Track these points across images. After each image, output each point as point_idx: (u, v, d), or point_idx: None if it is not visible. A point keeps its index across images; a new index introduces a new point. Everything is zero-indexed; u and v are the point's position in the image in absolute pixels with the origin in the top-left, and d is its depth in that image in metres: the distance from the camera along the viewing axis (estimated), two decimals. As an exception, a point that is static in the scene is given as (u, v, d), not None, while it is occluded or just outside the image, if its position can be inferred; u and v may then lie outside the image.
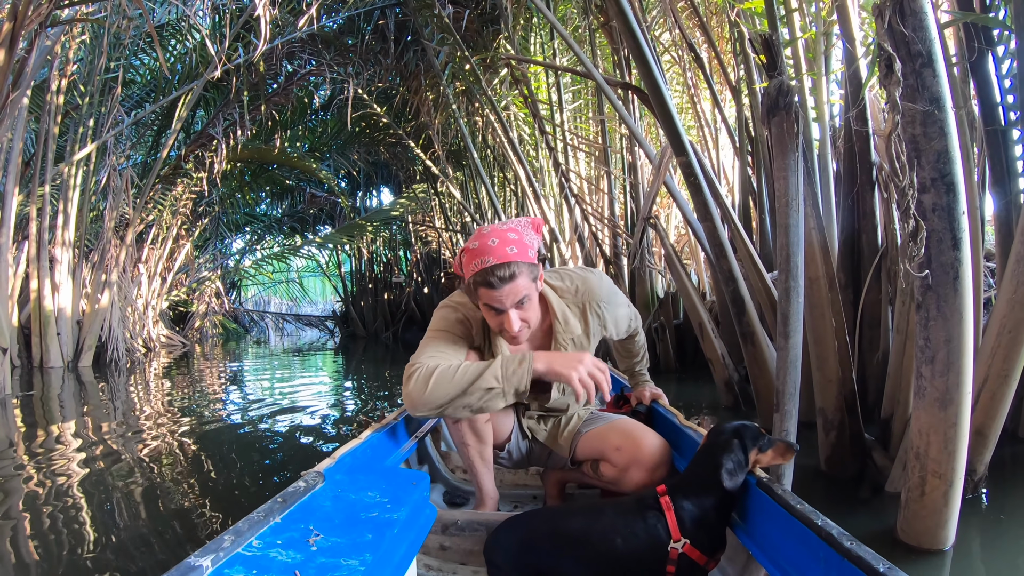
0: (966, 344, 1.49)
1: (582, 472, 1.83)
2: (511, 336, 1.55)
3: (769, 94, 1.87)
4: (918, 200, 1.37)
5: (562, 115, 7.43)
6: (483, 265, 1.47)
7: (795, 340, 1.85)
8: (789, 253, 1.83)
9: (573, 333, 1.70)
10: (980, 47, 2.62)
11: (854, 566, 0.93)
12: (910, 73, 1.30)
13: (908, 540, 1.82)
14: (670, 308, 5.66)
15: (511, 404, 1.82)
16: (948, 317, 1.48)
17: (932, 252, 1.43)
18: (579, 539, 1.34)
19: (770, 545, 1.21)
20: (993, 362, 2.02)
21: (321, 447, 3.39)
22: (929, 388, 1.55)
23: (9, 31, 3.94)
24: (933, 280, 1.47)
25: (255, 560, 0.96)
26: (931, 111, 1.30)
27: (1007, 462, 2.61)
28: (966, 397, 1.54)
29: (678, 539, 1.28)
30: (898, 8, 1.27)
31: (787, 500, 1.15)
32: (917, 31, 1.27)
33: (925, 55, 1.30)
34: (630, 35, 2.75)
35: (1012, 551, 1.92)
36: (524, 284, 1.48)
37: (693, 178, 2.87)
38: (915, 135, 1.35)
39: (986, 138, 2.67)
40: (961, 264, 1.44)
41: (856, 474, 2.49)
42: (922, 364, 1.56)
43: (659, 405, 1.99)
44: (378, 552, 1.03)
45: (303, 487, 1.21)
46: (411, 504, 1.25)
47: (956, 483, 1.66)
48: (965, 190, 2.54)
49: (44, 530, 2.16)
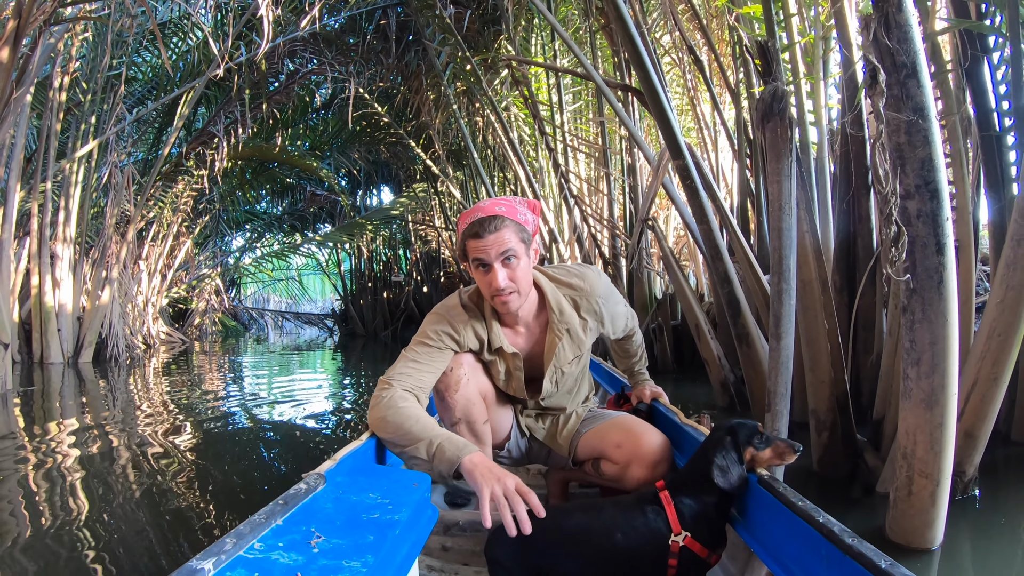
0: (951, 346, 1.53)
1: (584, 471, 1.82)
2: (501, 301, 1.56)
3: (763, 100, 1.90)
4: (903, 206, 1.40)
5: (562, 116, 7.47)
6: (471, 219, 1.54)
7: (787, 341, 1.89)
8: (782, 256, 1.87)
9: (569, 323, 1.70)
10: (975, 53, 2.65)
11: (855, 562, 0.94)
12: (895, 84, 1.34)
13: (896, 539, 1.85)
14: (668, 309, 5.69)
15: (509, 402, 1.87)
16: (933, 320, 1.52)
17: (917, 257, 1.47)
18: (580, 535, 1.35)
19: (772, 542, 1.22)
20: (983, 365, 2.05)
21: (320, 444, 3.42)
22: (915, 389, 1.59)
23: (13, 29, 3.97)
24: (918, 284, 1.51)
25: (257, 563, 0.96)
26: (915, 120, 1.33)
27: (999, 464, 2.63)
28: (952, 398, 1.58)
29: (678, 532, 1.29)
30: (883, 21, 1.31)
31: (788, 497, 1.16)
32: (902, 43, 1.30)
33: (910, 66, 1.33)
34: (629, 41, 2.78)
35: (1001, 552, 1.94)
36: (510, 238, 1.52)
37: (690, 181, 2.91)
38: (900, 143, 1.38)
39: (981, 143, 2.70)
40: (945, 269, 1.47)
41: (848, 474, 2.52)
42: (908, 366, 1.60)
43: (659, 403, 1.99)
44: (380, 553, 1.03)
45: (304, 489, 1.21)
46: (412, 505, 1.24)
47: (943, 483, 1.69)
48: (959, 195, 2.58)
49: (43, 529, 2.17)
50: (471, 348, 1.70)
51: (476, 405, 1.69)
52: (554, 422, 1.88)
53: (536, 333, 1.75)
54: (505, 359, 1.73)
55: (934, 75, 2.77)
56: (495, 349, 1.71)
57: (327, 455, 1.41)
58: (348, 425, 3.88)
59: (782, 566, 1.15)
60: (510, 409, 1.88)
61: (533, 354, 1.76)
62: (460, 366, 1.67)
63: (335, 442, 3.41)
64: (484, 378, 1.75)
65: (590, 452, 1.77)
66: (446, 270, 13.10)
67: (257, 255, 15.09)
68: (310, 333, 15.54)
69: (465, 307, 1.70)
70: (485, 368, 1.76)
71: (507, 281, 1.53)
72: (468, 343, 1.69)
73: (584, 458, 1.80)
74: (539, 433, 1.88)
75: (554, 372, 1.75)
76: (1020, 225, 1.94)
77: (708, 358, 4.00)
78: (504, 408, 1.86)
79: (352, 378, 6.85)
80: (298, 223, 14.74)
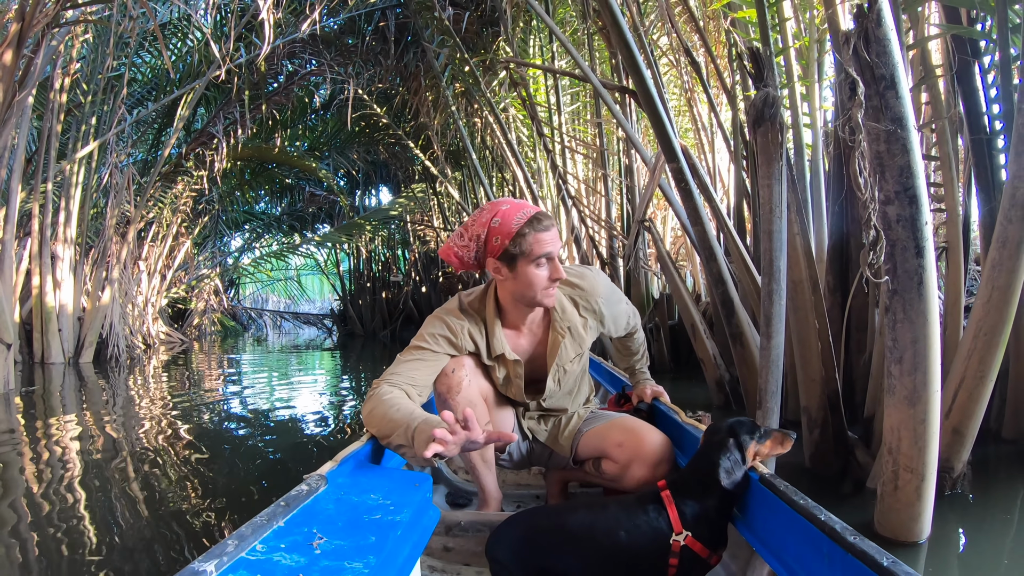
0: (932, 345, 1.58)
1: (584, 471, 1.82)
2: (551, 293, 1.60)
3: (755, 106, 1.95)
4: (883, 211, 1.46)
5: (560, 117, 7.51)
6: (527, 215, 1.54)
7: (777, 340, 1.94)
8: (772, 257, 1.92)
9: (570, 322, 1.72)
10: (966, 58, 2.70)
11: (858, 560, 0.93)
12: (874, 95, 1.39)
13: (884, 533, 1.89)
14: (665, 309, 5.73)
15: (510, 404, 1.86)
16: (913, 320, 1.57)
17: (897, 259, 1.52)
18: (582, 535, 1.34)
19: (773, 540, 1.22)
20: (970, 363, 2.10)
21: (320, 444, 3.45)
22: (898, 386, 1.64)
23: (16, 32, 4.01)
24: (899, 285, 1.56)
25: (259, 564, 0.96)
26: (894, 130, 1.39)
27: (991, 461, 2.69)
28: (934, 395, 1.63)
29: (679, 531, 1.29)
30: (863, 35, 1.36)
31: (790, 495, 1.15)
32: (881, 56, 1.36)
33: (888, 78, 1.39)
34: (624, 45, 2.82)
35: (988, 545, 1.99)
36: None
37: (684, 184, 2.96)
38: (880, 151, 1.44)
39: (972, 146, 2.75)
40: (925, 271, 1.53)
41: (839, 471, 2.56)
42: (891, 363, 1.65)
43: (660, 403, 1.99)
44: (382, 554, 1.03)
45: (306, 490, 1.21)
46: (414, 506, 1.24)
47: (928, 478, 1.74)
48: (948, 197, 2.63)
49: (44, 529, 2.19)
50: (469, 352, 1.70)
51: (477, 407, 1.68)
52: (556, 423, 1.88)
53: (539, 334, 1.76)
54: (506, 365, 1.74)
55: (924, 79, 2.83)
56: (496, 356, 1.71)
57: (328, 455, 1.42)
58: (348, 425, 3.92)
59: (784, 564, 1.15)
60: (511, 412, 1.88)
61: (536, 355, 1.77)
62: (461, 368, 1.68)
63: (336, 442, 3.43)
64: (485, 380, 1.76)
65: (591, 451, 1.77)
66: (444, 270, 13.12)
67: (256, 255, 15.13)
68: (309, 333, 15.55)
69: (464, 312, 1.70)
70: (485, 371, 1.76)
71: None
72: (466, 347, 1.69)
73: (585, 457, 1.80)
74: (541, 435, 1.88)
75: (557, 370, 1.75)
76: (1005, 227, 1.99)
77: (704, 357, 4.05)
78: (505, 410, 1.86)
79: (351, 378, 6.89)
80: (297, 223, 14.78)
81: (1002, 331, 2.04)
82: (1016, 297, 2.01)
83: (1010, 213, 1.96)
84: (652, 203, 7.94)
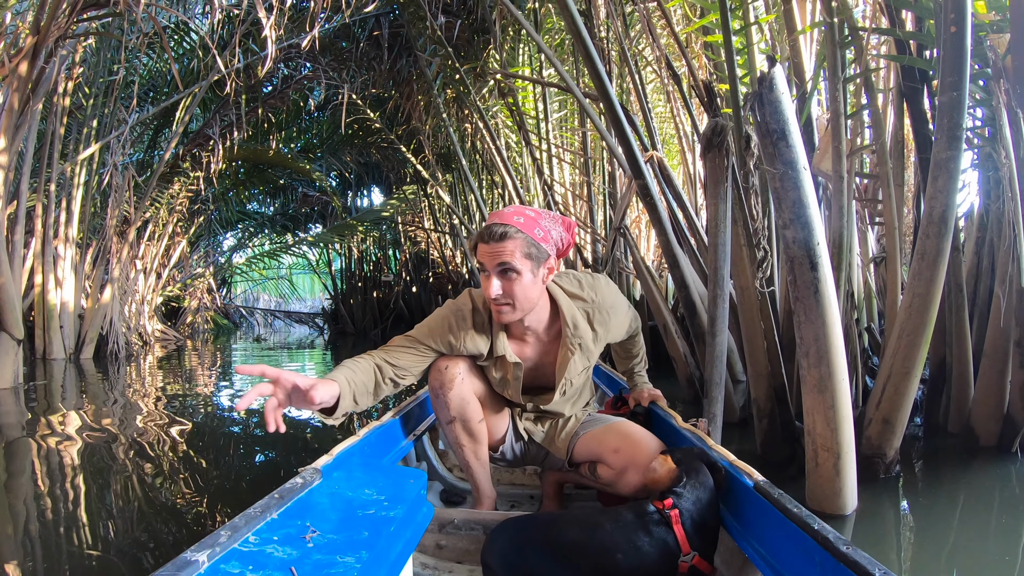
0: (832, 342, 1.88)
1: (579, 473, 1.81)
2: (495, 309, 1.57)
3: (704, 135, 2.24)
4: (783, 234, 1.76)
5: (547, 125, 7.74)
6: (488, 221, 1.54)
7: (720, 339, 2.23)
8: (717, 266, 2.21)
9: (582, 338, 1.70)
10: (914, 84, 2.95)
11: (850, 570, 0.93)
12: (769, 144, 1.69)
13: (814, 506, 2.17)
14: (645, 311, 6.01)
15: (505, 404, 1.87)
16: (813, 320, 1.88)
17: (796, 272, 1.83)
18: (577, 549, 1.33)
19: (767, 549, 1.22)
20: (895, 361, 2.38)
21: (314, 438, 3.54)
22: (807, 377, 1.94)
23: (32, 44, 4.24)
24: (799, 294, 1.87)
25: (251, 556, 0.96)
26: (786, 171, 1.69)
27: (938, 452, 2.99)
28: (840, 384, 1.93)
29: (687, 552, 1.29)
30: (758, 99, 1.65)
31: (784, 504, 1.15)
32: (772, 115, 1.65)
33: (779, 131, 1.69)
34: (589, 59, 2.98)
35: (912, 519, 2.25)
36: (512, 251, 1.50)
37: (649, 198, 3.19)
38: (776, 188, 1.74)
39: (920, 165, 2.99)
40: (820, 281, 1.84)
41: (787, 457, 2.83)
42: (800, 357, 1.95)
43: (657, 407, 1.98)
44: (374, 549, 1.03)
45: (300, 484, 1.22)
46: (408, 502, 1.24)
47: (843, 456, 2.04)
48: (886, 212, 2.92)
49: (44, 519, 2.27)
50: (467, 353, 1.71)
51: (471, 404, 1.70)
52: (553, 425, 1.87)
53: (546, 343, 1.74)
54: (504, 366, 1.73)
55: (866, 106, 3.12)
56: (496, 356, 1.71)
57: (323, 450, 1.44)
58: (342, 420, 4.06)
59: (777, 573, 1.16)
60: (506, 411, 1.87)
61: (542, 363, 1.77)
62: (456, 364, 1.68)
63: (330, 437, 3.46)
64: (480, 378, 1.77)
65: (587, 455, 1.76)
66: (435, 270, 13.33)
67: (249, 255, 15.26)
68: (300, 331, 15.61)
69: (476, 312, 1.69)
70: (480, 370, 1.78)
71: (499, 292, 1.53)
72: (464, 352, 1.69)
73: (580, 460, 1.79)
74: (538, 436, 1.86)
75: (564, 383, 1.75)
76: (923, 241, 2.28)
77: (675, 355, 4.33)
78: (500, 409, 1.85)
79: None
80: (290, 223, 14.91)
81: (923, 332, 2.32)
82: (935, 303, 2.28)
83: (927, 229, 2.25)
84: (637, 208, 8.24)
